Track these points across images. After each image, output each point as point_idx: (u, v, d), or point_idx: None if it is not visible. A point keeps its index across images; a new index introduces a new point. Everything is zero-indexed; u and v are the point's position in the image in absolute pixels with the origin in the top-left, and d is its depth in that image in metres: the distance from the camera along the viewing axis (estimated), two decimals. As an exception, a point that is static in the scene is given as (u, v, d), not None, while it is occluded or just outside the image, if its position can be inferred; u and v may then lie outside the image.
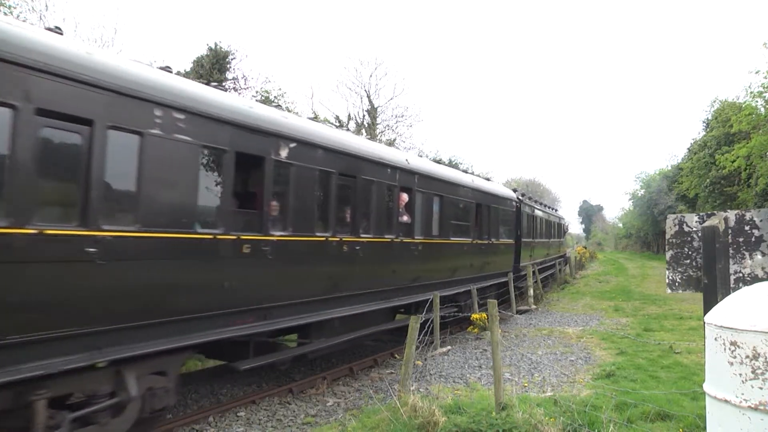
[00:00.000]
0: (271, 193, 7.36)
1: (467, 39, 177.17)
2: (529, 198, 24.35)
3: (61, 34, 5.27)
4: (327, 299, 8.44)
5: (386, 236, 10.07)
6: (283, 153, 7.54)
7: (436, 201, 12.22)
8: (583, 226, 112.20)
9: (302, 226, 7.92)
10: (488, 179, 18.97)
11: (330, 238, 8.51)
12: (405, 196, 10.82)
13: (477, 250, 14.48)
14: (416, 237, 11.15)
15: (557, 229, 33.04)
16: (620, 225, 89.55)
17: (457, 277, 13.26)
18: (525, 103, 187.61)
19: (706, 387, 3.74)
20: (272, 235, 7.29)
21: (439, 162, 25.20)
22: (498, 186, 19.42)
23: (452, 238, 12.92)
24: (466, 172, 16.74)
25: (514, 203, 18.52)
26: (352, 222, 9.20)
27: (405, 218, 10.81)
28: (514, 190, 21.06)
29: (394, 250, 10.34)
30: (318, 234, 8.27)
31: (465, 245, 13.74)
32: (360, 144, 10.06)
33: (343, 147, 9.07)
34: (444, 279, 12.56)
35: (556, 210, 37.46)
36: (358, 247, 9.16)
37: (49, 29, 5.26)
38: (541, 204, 27.78)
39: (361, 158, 9.45)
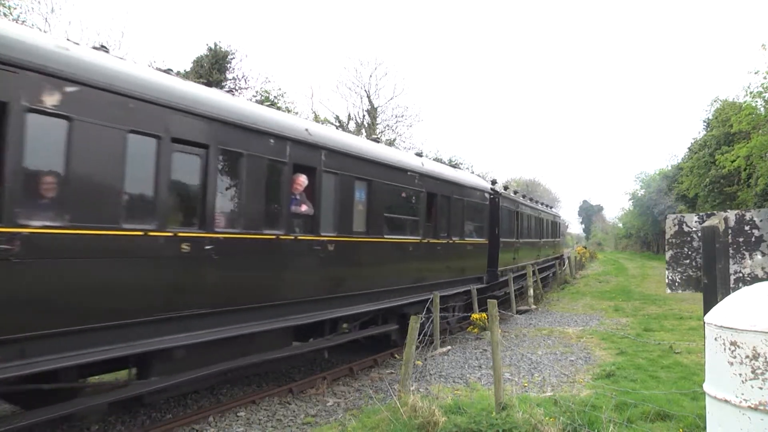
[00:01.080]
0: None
1: (467, 39, 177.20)
2: (515, 192, 22.06)
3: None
4: (157, 321, 5.96)
5: (267, 232, 7.44)
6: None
7: (361, 187, 9.52)
8: (583, 226, 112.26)
9: (88, 214, 5.30)
10: (455, 166, 15.61)
11: (154, 233, 5.89)
12: (303, 179, 8.17)
13: (430, 252, 11.79)
14: (323, 234, 8.38)
15: (552, 228, 30.14)
16: (620, 225, 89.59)
17: (400, 284, 10.63)
18: (525, 103, 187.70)
19: (706, 387, 3.74)
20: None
21: (442, 161, 23.23)
22: (464, 174, 16.18)
23: (389, 236, 10.22)
24: (420, 155, 13.48)
25: (487, 195, 15.53)
26: (202, 211, 6.51)
27: (303, 208, 8.20)
28: (494, 182, 18.33)
29: (282, 251, 7.74)
30: (122, 226, 5.55)
31: (410, 245, 10.99)
32: (221, 101, 7.13)
33: (184, 102, 6.33)
34: (377, 288, 9.87)
35: (550, 207, 34.11)
36: (209, 246, 6.51)
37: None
38: (530, 199, 25.44)
39: (220, 122, 6.78)
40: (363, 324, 9.99)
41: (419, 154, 13.46)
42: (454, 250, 13.09)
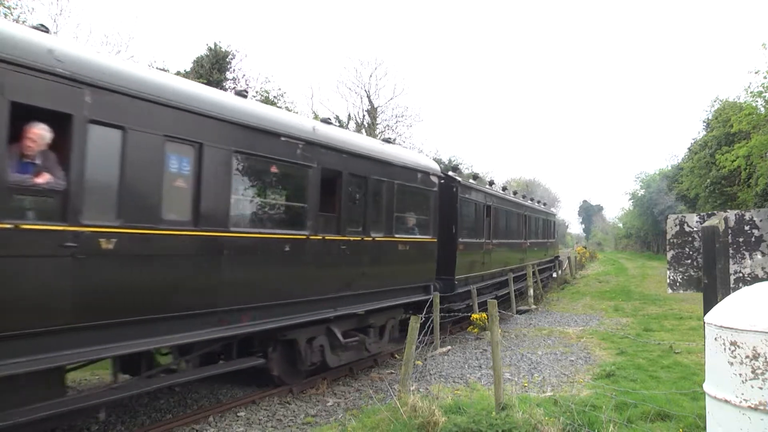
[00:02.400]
0: None
1: (467, 39, 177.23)
2: (491, 184, 19.29)
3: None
4: None
5: None
6: None
7: (182, 154, 6.27)
8: (583, 226, 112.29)
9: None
10: (389, 140, 11.55)
11: None
12: (41, 132, 5.03)
13: (327, 253, 8.44)
14: (87, 222, 5.20)
15: (544, 227, 26.42)
16: (620, 225, 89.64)
17: (271, 299, 7.44)
18: (525, 103, 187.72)
19: (706, 387, 3.74)
20: None
21: (441, 161, 22.39)
22: (395, 149, 11.53)
23: (242, 230, 7.02)
24: (328, 121, 10.07)
25: (434, 180, 11.69)
26: None
27: (41, 180, 5.00)
28: (455, 168, 15.54)
29: None
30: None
31: (288, 243, 7.69)
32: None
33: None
34: (220, 306, 6.67)
35: (542, 203, 29.41)
36: None
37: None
38: (514, 193, 22.32)
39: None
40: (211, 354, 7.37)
41: (326, 121, 9.74)
42: (376, 251, 9.62)
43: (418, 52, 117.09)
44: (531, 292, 18.64)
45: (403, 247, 10.51)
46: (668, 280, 5.45)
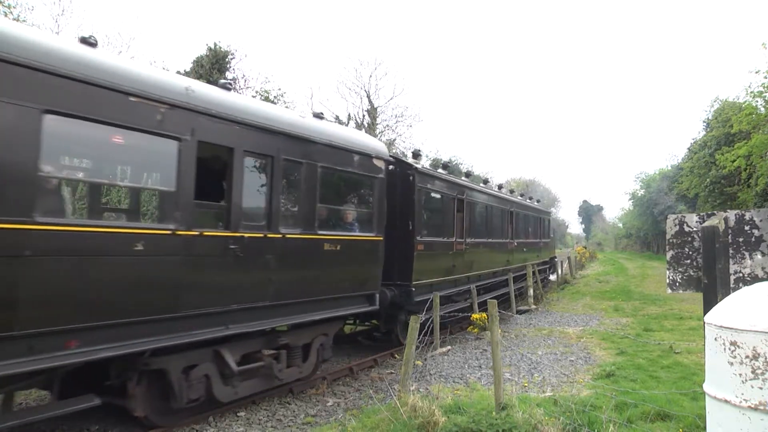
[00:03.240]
0: None
1: (467, 39, 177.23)
2: (468, 175, 17.91)
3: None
4: None
5: None
6: None
7: None
8: (583, 226, 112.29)
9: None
10: (319, 115, 9.07)
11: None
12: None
13: (212, 253, 6.56)
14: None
15: (535, 226, 23.78)
16: (620, 225, 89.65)
17: (113, 318, 5.53)
18: (525, 103, 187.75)
19: (706, 387, 3.74)
20: None
21: (441, 161, 21.68)
22: (329, 126, 9.33)
23: (53, 221, 5.10)
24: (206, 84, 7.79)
25: (379, 165, 9.53)
26: None
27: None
28: (416, 155, 13.26)
29: None
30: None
31: (143, 240, 5.81)
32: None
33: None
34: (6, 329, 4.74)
35: (535, 200, 27.62)
36: None
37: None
38: (499, 187, 20.80)
39: None
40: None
41: (226, 86, 7.31)
42: (288, 252, 7.61)
43: (418, 52, 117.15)
44: (531, 292, 18.63)
45: (331, 246, 8.37)
46: (668, 280, 5.46)
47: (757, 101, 20.57)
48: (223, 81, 7.43)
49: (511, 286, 16.62)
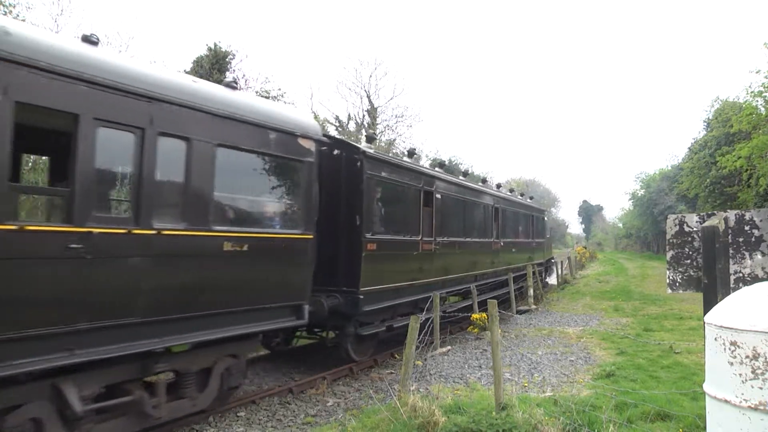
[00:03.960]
0: None
1: (467, 39, 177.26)
2: (441, 165, 16.11)
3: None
4: None
5: None
6: None
7: None
8: (583, 226, 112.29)
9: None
10: (233, 84, 7.39)
11: None
12: None
13: (42, 254, 4.95)
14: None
15: (527, 224, 21.72)
16: (620, 225, 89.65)
17: None
18: (524, 103, 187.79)
19: (706, 387, 3.74)
20: None
21: (442, 162, 20.28)
22: (235, 95, 7.22)
23: None
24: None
25: (305, 144, 7.86)
26: None
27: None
28: (370, 139, 11.55)
29: None
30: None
31: None
32: None
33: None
34: None
35: (529, 197, 25.96)
36: None
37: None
38: (483, 182, 19.12)
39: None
40: None
41: (88, 39, 5.73)
42: (169, 253, 6.03)
43: (418, 52, 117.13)
44: (531, 292, 18.63)
45: (234, 247, 6.70)
46: (668, 280, 5.46)
47: (757, 101, 20.57)
48: (87, 34, 5.81)
49: (511, 286, 16.61)
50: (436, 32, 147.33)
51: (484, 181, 19.22)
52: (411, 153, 14.30)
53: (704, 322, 3.83)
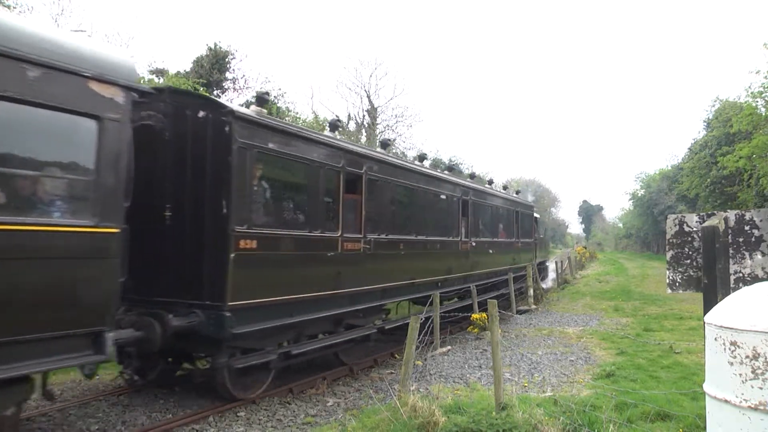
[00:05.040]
0: None
1: (467, 39, 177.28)
2: (387, 144, 14.59)
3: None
4: None
5: None
6: None
7: None
8: (583, 226, 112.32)
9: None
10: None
11: None
12: None
13: None
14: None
15: (511, 222, 19.00)
16: (620, 225, 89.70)
17: None
18: (525, 103, 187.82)
19: (706, 387, 3.74)
20: None
21: (442, 162, 20.73)
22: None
23: None
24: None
25: (102, 89, 5.34)
26: None
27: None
28: (262, 100, 8.19)
29: None
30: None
31: None
32: None
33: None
34: None
35: (516, 192, 23.76)
36: None
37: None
38: (450, 169, 16.75)
39: None
40: None
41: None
42: None
43: (418, 52, 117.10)
44: (531, 292, 18.63)
45: None
46: (668, 280, 5.45)
47: (757, 101, 20.59)
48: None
49: (511, 285, 16.60)
50: (436, 32, 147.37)
51: (450, 169, 16.04)
52: (334, 126, 11.47)
53: (704, 322, 3.83)
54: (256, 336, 7.33)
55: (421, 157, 12.43)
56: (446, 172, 15.27)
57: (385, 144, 13.31)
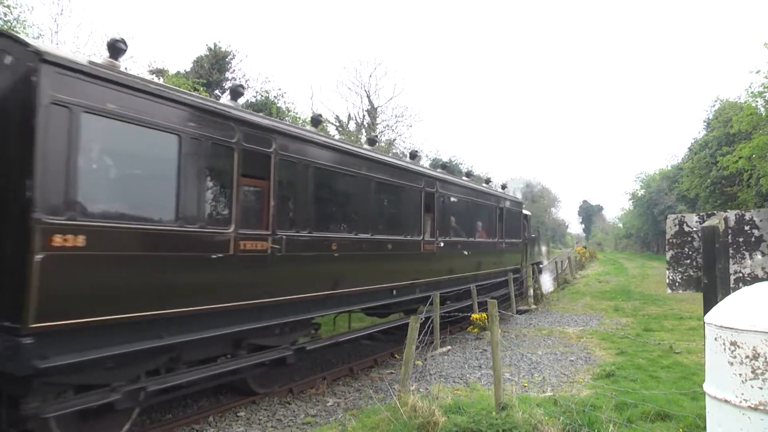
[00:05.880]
0: None
1: (467, 39, 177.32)
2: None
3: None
4: None
5: None
6: None
7: None
8: (583, 226, 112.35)
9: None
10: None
11: None
12: None
13: None
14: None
15: (492, 219, 16.39)
16: (620, 225, 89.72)
17: None
18: (525, 103, 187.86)
19: (706, 387, 3.74)
20: None
21: (442, 162, 18.92)
22: None
23: None
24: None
25: None
26: None
27: None
28: (113, 50, 5.92)
29: None
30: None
31: None
32: None
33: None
34: None
35: (502, 186, 21.47)
36: None
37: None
38: (408, 157, 13.87)
39: None
40: None
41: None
42: None
43: (418, 52, 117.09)
44: (531, 292, 18.63)
45: None
46: (667, 280, 5.45)
47: (757, 101, 20.60)
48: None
49: (511, 285, 16.60)
50: (435, 32, 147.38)
51: (413, 156, 13.66)
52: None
53: (704, 322, 3.83)
54: (96, 367, 5.42)
55: (372, 141, 10.67)
56: (408, 160, 12.92)
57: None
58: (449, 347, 11.42)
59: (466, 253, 13.97)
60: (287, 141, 7.92)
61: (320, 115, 10.14)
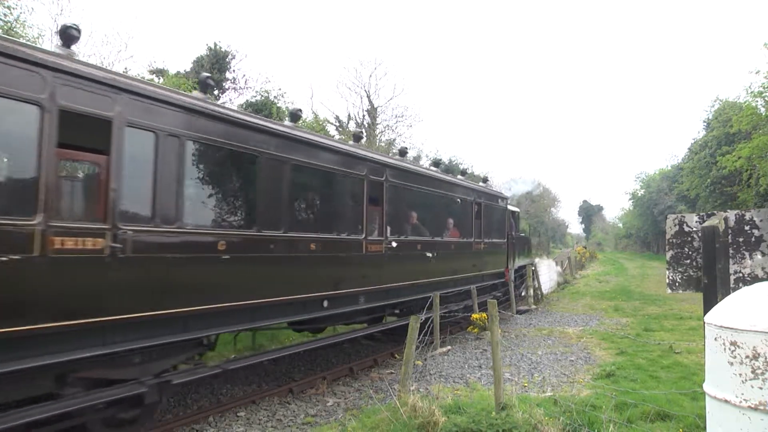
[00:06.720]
0: None
1: (467, 39, 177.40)
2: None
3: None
4: None
5: None
6: None
7: None
8: (583, 226, 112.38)
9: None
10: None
11: None
12: None
13: None
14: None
15: (468, 216, 14.09)
16: (620, 225, 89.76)
17: None
18: (525, 104, 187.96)
19: (706, 387, 3.74)
20: None
21: (443, 162, 18.14)
22: None
23: None
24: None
25: None
26: None
27: None
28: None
29: None
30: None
31: None
32: None
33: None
34: None
35: (484, 180, 19.34)
36: None
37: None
38: (350, 140, 11.47)
39: None
40: None
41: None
42: None
43: (418, 52, 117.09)
44: (531, 292, 18.63)
45: None
46: (667, 280, 5.46)
47: (757, 101, 20.61)
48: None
49: (511, 285, 16.59)
50: (435, 32, 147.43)
51: (357, 139, 11.06)
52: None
53: (704, 322, 3.83)
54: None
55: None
56: (350, 143, 10.45)
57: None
58: (449, 347, 11.42)
59: (429, 255, 11.75)
60: (133, 104, 5.58)
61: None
